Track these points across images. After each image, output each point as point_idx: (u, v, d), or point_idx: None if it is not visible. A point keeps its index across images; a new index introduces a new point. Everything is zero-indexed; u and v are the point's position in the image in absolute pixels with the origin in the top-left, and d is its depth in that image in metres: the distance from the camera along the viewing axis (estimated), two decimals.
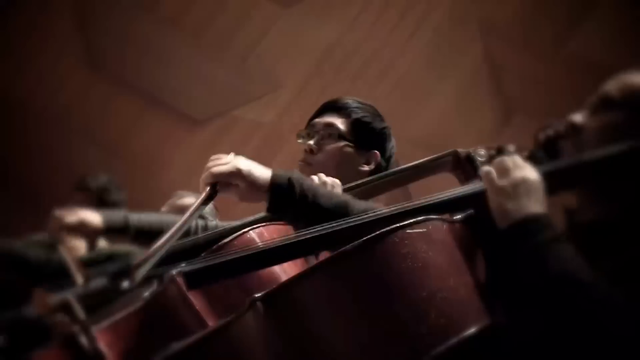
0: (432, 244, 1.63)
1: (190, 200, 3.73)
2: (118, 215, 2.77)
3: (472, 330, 1.56)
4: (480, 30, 6.05)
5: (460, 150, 2.59)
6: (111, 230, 2.74)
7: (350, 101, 2.79)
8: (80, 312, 1.55)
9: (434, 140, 5.73)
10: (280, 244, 1.84)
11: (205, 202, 2.02)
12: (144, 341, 1.77)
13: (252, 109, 5.93)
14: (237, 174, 2.06)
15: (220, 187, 2.06)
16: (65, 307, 1.54)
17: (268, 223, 2.17)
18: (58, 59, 5.88)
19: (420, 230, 1.63)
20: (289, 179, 2.06)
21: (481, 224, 1.73)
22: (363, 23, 5.97)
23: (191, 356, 1.65)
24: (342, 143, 2.71)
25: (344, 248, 1.61)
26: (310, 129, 2.76)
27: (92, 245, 2.72)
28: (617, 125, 1.83)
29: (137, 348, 1.72)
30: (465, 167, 2.52)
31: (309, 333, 1.59)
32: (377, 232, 1.62)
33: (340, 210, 1.97)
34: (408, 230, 1.62)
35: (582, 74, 5.27)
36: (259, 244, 2.02)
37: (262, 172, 2.08)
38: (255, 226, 2.15)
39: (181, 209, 3.68)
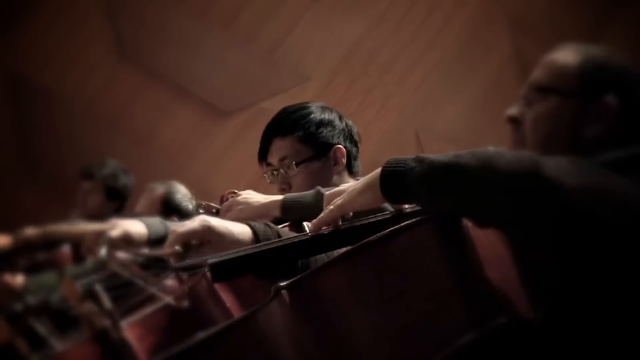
0: (457, 237, 1.63)
1: (160, 189, 3.71)
2: (159, 225, 2.70)
3: (497, 322, 1.56)
4: (509, 26, 6.03)
5: (490, 148, 2.57)
6: (154, 241, 2.69)
7: (287, 114, 2.70)
8: (106, 301, 1.56)
9: (461, 135, 5.72)
10: (306, 239, 1.85)
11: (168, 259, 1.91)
12: (173, 335, 1.77)
13: (279, 101, 5.91)
14: (209, 228, 1.92)
15: (191, 250, 1.93)
16: (92, 296, 1.55)
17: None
18: (87, 48, 5.91)
19: (442, 224, 1.63)
20: (274, 230, 1.98)
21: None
22: (391, 17, 5.96)
23: (216, 345, 1.66)
24: (304, 164, 2.66)
25: (369, 238, 1.62)
26: (269, 170, 2.70)
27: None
28: (552, 112, 1.76)
29: (166, 342, 1.73)
30: None
31: (334, 322, 1.60)
32: (403, 224, 1.62)
33: None
34: (430, 224, 1.63)
35: None
36: (284, 237, 2.02)
37: (234, 225, 1.95)
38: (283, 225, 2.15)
39: (152, 201, 3.67)
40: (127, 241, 2.59)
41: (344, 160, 2.66)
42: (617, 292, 1.59)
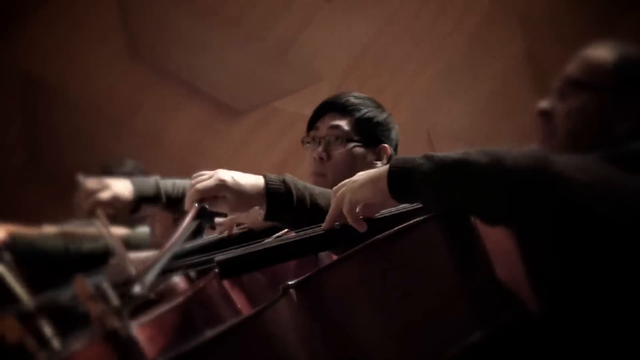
0: (465, 234, 1.63)
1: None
2: (149, 184, 2.78)
3: (504, 318, 1.56)
4: (521, 26, 6.01)
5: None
6: (143, 200, 2.76)
7: (350, 98, 2.73)
8: (114, 299, 1.57)
9: (473, 135, 5.71)
10: (316, 235, 1.85)
11: (195, 219, 2.00)
12: (184, 336, 1.78)
13: (291, 101, 5.93)
14: (223, 185, 2.05)
15: (208, 202, 2.04)
16: (102, 294, 1.55)
17: None
18: (98, 47, 5.92)
19: (449, 222, 1.63)
20: (284, 183, 2.04)
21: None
22: (402, 17, 5.95)
23: (224, 343, 1.66)
24: (351, 145, 2.65)
25: (377, 236, 1.62)
26: (314, 134, 2.72)
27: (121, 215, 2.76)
28: (585, 107, 1.78)
29: (177, 342, 1.74)
30: None
31: (341, 320, 1.61)
32: (411, 222, 1.62)
33: None
34: (439, 221, 1.63)
35: None
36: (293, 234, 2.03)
37: (249, 180, 2.06)
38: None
39: None
40: (115, 201, 2.71)
41: (385, 161, 2.67)
42: (615, 286, 1.59)
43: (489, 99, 5.99)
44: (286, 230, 2.19)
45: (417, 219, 1.64)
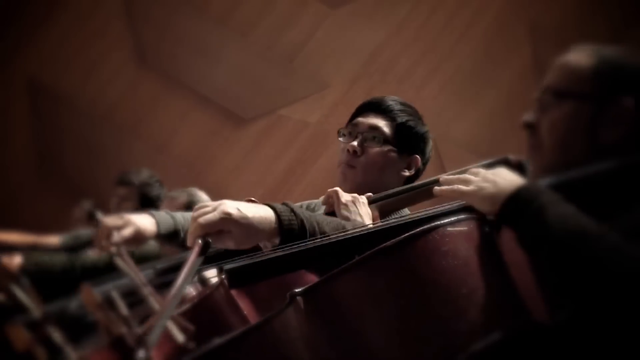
0: (472, 242, 1.63)
1: (183, 197, 3.72)
2: (168, 220, 2.72)
3: (511, 328, 1.55)
4: (528, 33, 6.02)
5: (511, 157, 2.54)
6: (163, 237, 2.72)
7: (394, 103, 2.70)
8: (123, 307, 1.57)
9: (481, 143, 5.71)
10: (322, 244, 1.85)
11: (199, 256, 1.81)
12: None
13: (298, 108, 5.94)
14: (228, 219, 1.85)
15: (212, 237, 1.85)
16: (110, 303, 1.55)
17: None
18: (107, 55, 5.94)
19: (461, 228, 1.63)
20: (295, 215, 1.92)
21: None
22: (410, 25, 5.96)
23: (232, 351, 1.66)
24: (387, 147, 2.65)
25: (385, 244, 1.62)
26: (352, 128, 2.72)
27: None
28: (567, 117, 1.74)
29: (184, 349, 1.74)
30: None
31: (349, 327, 1.60)
32: (419, 229, 1.62)
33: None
34: (449, 228, 1.63)
35: None
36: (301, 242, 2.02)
37: (257, 212, 1.89)
38: None
39: (178, 207, 3.69)
40: (138, 238, 2.63)
41: (412, 172, 2.67)
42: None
43: (496, 106, 5.99)
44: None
45: (427, 225, 1.64)
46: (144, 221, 2.67)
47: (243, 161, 5.92)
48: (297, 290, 1.65)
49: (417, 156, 2.69)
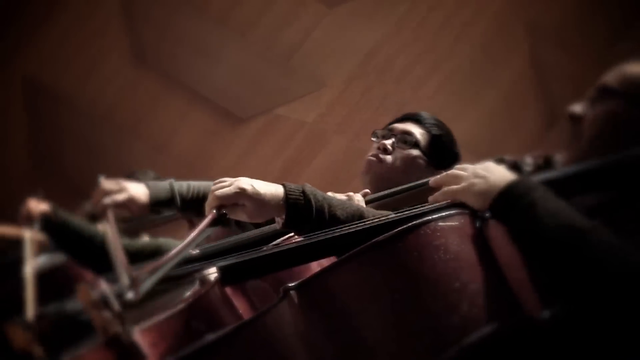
0: (464, 237, 1.65)
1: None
2: (164, 187, 2.81)
3: (503, 322, 1.57)
4: (527, 33, 6.02)
5: (506, 157, 2.57)
6: (159, 204, 2.79)
7: (432, 119, 2.82)
8: (117, 307, 1.58)
9: (478, 143, 5.71)
10: (315, 241, 1.86)
11: (211, 225, 1.99)
12: (186, 341, 1.80)
13: (295, 108, 5.95)
14: (242, 194, 2.03)
15: (227, 209, 2.03)
16: (105, 302, 1.57)
17: None
18: (106, 54, 5.94)
19: (453, 223, 1.65)
20: (304, 193, 2.04)
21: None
22: (408, 25, 5.96)
23: (226, 345, 1.68)
24: (417, 152, 2.71)
25: (377, 238, 1.63)
26: (387, 132, 2.77)
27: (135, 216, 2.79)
28: (614, 114, 1.82)
29: (180, 348, 1.75)
30: None
31: (342, 321, 1.62)
32: (411, 224, 1.64)
33: (355, 220, 1.96)
34: (440, 223, 1.65)
35: None
36: (294, 240, 2.04)
37: (269, 189, 2.05)
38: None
39: None
40: (130, 204, 2.76)
41: None
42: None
43: (495, 106, 5.99)
44: (286, 237, 2.20)
45: (419, 220, 1.65)
46: (138, 190, 2.78)
47: (240, 160, 5.92)
48: (290, 285, 1.67)
49: (442, 170, 2.72)
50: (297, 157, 5.85)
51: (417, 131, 2.75)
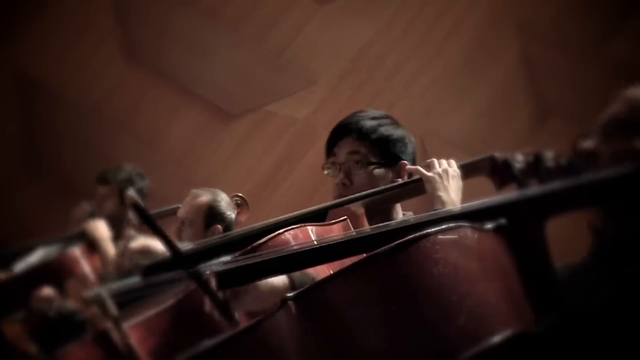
0: (463, 250, 1.64)
1: (206, 197, 3.73)
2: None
3: (501, 335, 1.56)
4: (517, 31, 6.02)
5: (497, 154, 2.56)
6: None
7: (365, 120, 2.72)
8: (112, 307, 1.57)
9: (469, 140, 5.72)
10: (315, 247, 1.86)
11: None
12: (175, 338, 1.79)
13: (286, 104, 5.94)
14: None
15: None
16: (98, 302, 1.56)
17: (302, 225, 2.18)
18: (95, 49, 5.93)
19: (452, 236, 1.65)
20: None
21: (514, 233, 1.71)
22: (399, 22, 5.96)
23: (222, 354, 1.67)
24: (371, 167, 2.67)
25: (376, 250, 1.62)
26: (333, 159, 2.74)
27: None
28: (634, 150, 1.76)
29: (168, 344, 1.75)
30: (501, 172, 2.49)
31: (340, 332, 1.61)
32: (410, 237, 1.63)
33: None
34: (440, 236, 1.64)
35: (621, 77, 5.22)
36: (294, 245, 2.03)
37: None
38: (290, 228, 2.15)
39: (198, 208, 3.70)
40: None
41: (405, 179, 2.68)
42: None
43: (486, 103, 6.00)
44: (276, 233, 2.19)
45: (418, 233, 1.65)
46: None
47: (231, 157, 5.91)
48: (288, 295, 1.66)
49: (404, 161, 2.70)
50: (287, 154, 5.85)
51: (359, 147, 2.68)
